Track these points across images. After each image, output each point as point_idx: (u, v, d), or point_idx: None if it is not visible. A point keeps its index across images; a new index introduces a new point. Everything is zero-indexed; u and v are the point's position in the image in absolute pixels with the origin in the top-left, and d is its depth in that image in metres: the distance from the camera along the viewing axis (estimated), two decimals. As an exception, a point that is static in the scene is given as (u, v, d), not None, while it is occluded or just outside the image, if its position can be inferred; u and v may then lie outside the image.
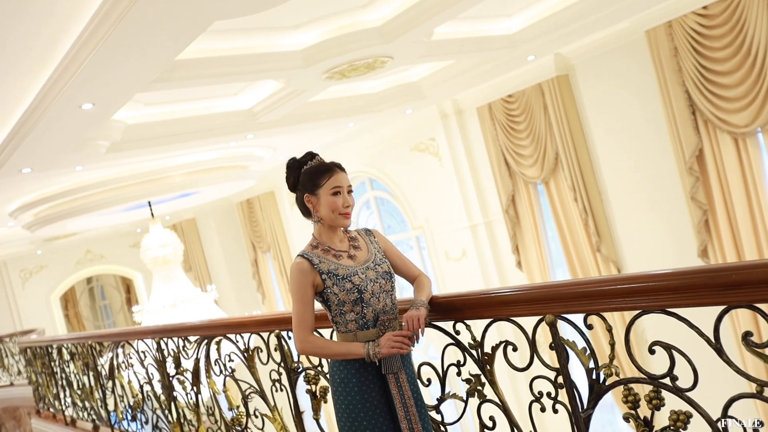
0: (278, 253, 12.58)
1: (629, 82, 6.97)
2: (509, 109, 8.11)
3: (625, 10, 5.96)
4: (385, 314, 2.12)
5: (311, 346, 2.11)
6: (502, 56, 6.75)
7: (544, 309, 1.70)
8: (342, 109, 7.49)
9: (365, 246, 2.27)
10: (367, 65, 5.62)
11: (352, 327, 2.12)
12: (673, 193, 6.80)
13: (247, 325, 3.05)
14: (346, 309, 2.11)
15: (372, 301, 2.11)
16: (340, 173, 2.23)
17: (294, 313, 2.13)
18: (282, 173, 10.28)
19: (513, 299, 1.79)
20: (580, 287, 1.61)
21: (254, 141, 8.13)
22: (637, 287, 1.47)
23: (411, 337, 2.02)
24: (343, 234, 2.29)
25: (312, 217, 2.25)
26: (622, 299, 1.49)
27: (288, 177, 2.30)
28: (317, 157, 2.29)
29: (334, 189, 2.19)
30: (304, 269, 2.13)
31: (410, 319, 2.02)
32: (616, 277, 1.53)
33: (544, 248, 8.39)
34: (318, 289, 2.14)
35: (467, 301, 1.97)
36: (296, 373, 2.87)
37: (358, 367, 2.10)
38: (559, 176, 7.84)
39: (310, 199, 2.22)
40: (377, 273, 2.16)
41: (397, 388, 2.06)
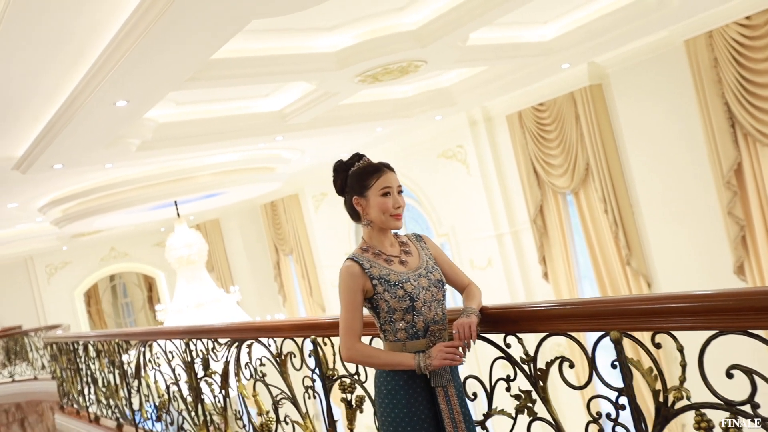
0: (301, 256, 12.56)
1: (665, 92, 6.83)
2: (540, 118, 8.01)
3: (664, 19, 5.84)
4: (436, 324, 2.04)
5: (359, 355, 2.04)
6: (536, 63, 6.66)
7: (609, 325, 1.61)
8: (371, 113, 7.43)
9: (416, 252, 2.20)
10: (401, 69, 5.56)
11: (401, 336, 2.04)
12: (708, 208, 6.64)
13: (282, 329, 2.99)
14: (397, 317, 2.03)
15: (423, 309, 2.03)
16: (389, 173, 2.16)
17: (342, 319, 2.06)
18: (308, 176, 10.22)
19: (573, 313, 1.70)
20: (650, 303, 1.52)
21: (283, 143, 8.11)
22: (715, 305, 1.38)
23: (463, 347, 1.94)
24: (393, 238, 2.21)
25: (361, 220, 2.18)
26: (696, 318, 1.40)
27: (335, 180, 2.23)
28: (364, 157, 2.22)
29: (383, 190, 2.11)
30: (355, 273, 2.06)
31: (461, 327, 1.94)
32: (691, 294, 1.44)
33: (572, 260, 8.26)
34: (368, 294, 2.06)
35: (521, 313, 1.89)
36: (331, 380, 2.80)
37: (407, 378, 2.02)
38: (590, 187, 7.72)
39: (359, 201, 2.15)
40: (430, 281, 2.09)
41: (446, 402, 1.98)
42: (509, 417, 2.03)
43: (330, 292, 12.29)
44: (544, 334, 1.86)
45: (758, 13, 5.79)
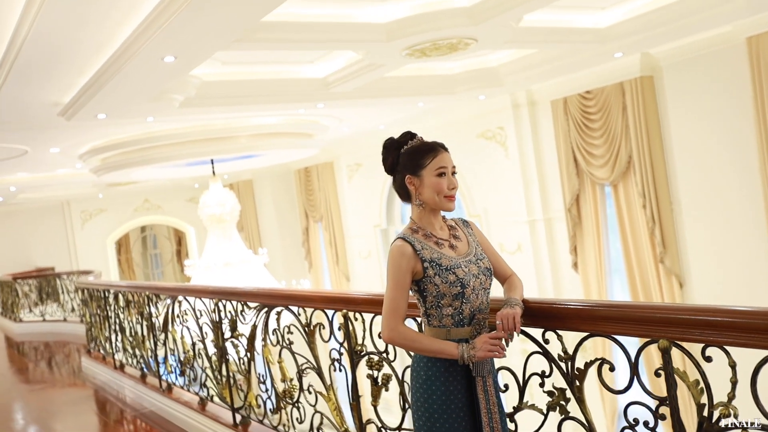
0: (330, 224, 12.59)
1: (720, 91, 6.62)
2: (586, 106, 7.84)
3: (728, 14, 5.63)
4: (481, 312, 2.01)
5: (401, 337, 2.00)
6: (588, 50, 6.50)
7: (657, 332, 1.56)
8: (415, 88, 7.35)
9: (464, 237, 2.15)
10: (450, 46, 5.46)
11: (447, 322, 2.01)
12: (753, 214, 6.46)
13: (313, 300, 2.99)
14: (445, 303, 1.99)
15: (471, 297, 1.99)
16: (444, 153, 2.11)
17: (387, 298, 2.02)
18: (345, 145, 10.20)
19: (621, 316, 1.65)
20: (703, 315, 1.46)
21: (323, 110, 8.07)
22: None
23: (506, 339, 1.91)
24: (442, 221, 2.18)
25: (413, 200, 2.12)
26: (753, 335, 1.35)
27: (386, 158, 2.18)
28: (417, 136, 2.17)
29: (438, 170, 2.06)
30: (406, 254, 2.00)
31: (505, 318, 1.91)
32: (750, 310, 1.38)
33: (604, 252, 8.15)
34: (416, 277, 2.02)
35: (565, 311, 1.84)
36: (359, 356, 2.79)
37: (448, 366, 1.99)
38: (630, 180, 7.56)
39: (412, 180, 2.09)
40: (479, 268, 2.04)
41: (484, 393, 1.95)
42: (540, 413, 2.00)
43: (356, 263, 12.33)
44: (585, 333, 1.82)
45: (828, 15, 5.56)
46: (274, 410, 3.58)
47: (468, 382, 2.00)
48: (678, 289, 7.32)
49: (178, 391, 5.04)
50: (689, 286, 7.28)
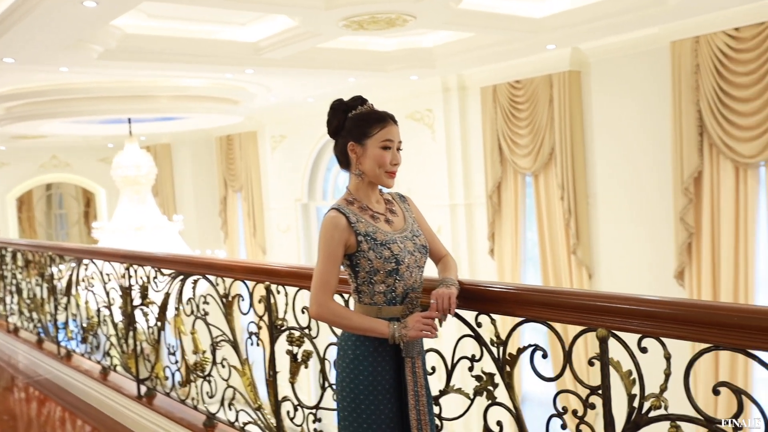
0: (250, 194, 12.31)
1: (642, 90, 6.84)
2: (514, 95, 7.93)
3: (657, 16, 5.79)
4: (414, 291, 1.94)
5: (330, 313, 1.91)
6: (523, 39, 6.55)
7: (596, 321, 1.54)
8: (348, 62, 7.21)
9: (401, 213, 2.08)
10: (389, 20, 5.36)
11: (378, 300, 1.93)
12: (662, 210, 6.74)
13: (234, 270, 2.85)
14: (377, 279, 1.91)
15: (405, 274, 1.92)
16: (393, 126, 2.01)
17: (318, 272, 1.92)
18: (270, 115, 9.91)
19: (560, 303, 1.62)
20: (644, 306, 1.45)
21: (251, 77, 7.81)
22: (715, 319, 1.32)
23: (439, 319, 1.85)
24: (379, 194, 2.08)
25: (352, 168, 2.02)
26: (693, 327, 1.35)
27: (331, 120, 2.06)
28: (368, 102, 2.07)
29: (384, 142, 1.97)
30: (340, 225, 1.91)
31: (440, 297, 1.85)
32: (688, 302, 1.38)
33: (520, 240, 8.32)
34: (349, 250, 1.93)
35: (502, 294, 1.80)
36: (279, 330, 2.69)
37: (377, 345, 1.92)
38: (550, 172, 7.73)
39: (354, 148, 1.99)
40: (415, 245, 1.97)
41: (412, 374, 1.89)
42: (467, 397, 1.97)
43: (274, 236, 12.12)
44: (521, 319, 1.78)
45: (748, 26, 5.81)
46: (183, 383, 3.43)
47: (396, 363, 1.93)
48: (587, 280, 7.57)
49: (78, 359, 4.77)
50: (597, 277, 7.54)
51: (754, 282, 6.10)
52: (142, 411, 3.71)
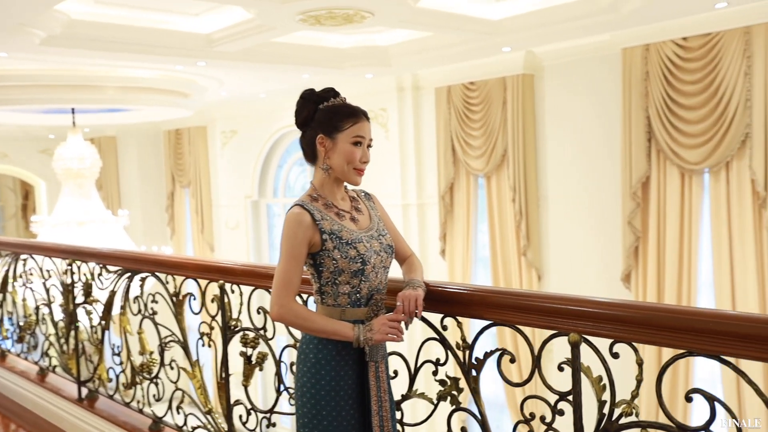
0: (198, 190, 12.04)
1: (594, 96, 6.96)
2: (468, 97, 7.96)
3: (610, 23, 5.89)
4: (379, 293, 1.88)
5: (292, 315, 1.82)
6: (479, 40, 6.56)
7: (567, 326, 1.52)
8: (303, 58, 7.10)
9: (366, 211, 2.01)
10: (346, 16, 5.29)
11: (342, 301, 1.85)
12: (610, 214, 6.87)
13: (186, 268, 2.74)
14: (342, 280, 1.84)
15: (371, 275, 1.86)
16: (365, 122, 1.95)
17: (279, 271, 1.83)
18: (221, 109, 9.66)
19: (530, 307, 1.59)
20: (616, 310, 1.43)
21: (203, 70, 7.61)
22: (690, 324, 1.31)
23: (405, 322, 1.79)
24: (344, 192, 2.01)
25: (319, 162, 1.94)
26: (667, 333, 1.33)
27: (300, 110, 1.98)
28: (341, 96, 2.00)
29: (356, 138, 1.91)
30: (304, 223, 1.82)
31: (407, 299, 1.79)
32: (667, 307, 1.36)
33: (472, 241, 8.36)
34: (313, 249, 1.84)
35: (469, 296, 1.76)
36: (233, 331, 2.59)
37: (340, 349, 1.85)
38: (503, 174, 7.79)
39: (323, 141, 1.91)
40: (381, 245, 1.91)
41: (376, 379, 1.82)
42: (430, 402, 1.92)
43: (222, 233, 11.89)
44: (488, 322, 1.75)
45: (696, 36, 5.96)
46: (128, 385, 3.29)
47: (359, 367, 1.87)
48: (536, 281, 7.66)
49: (12, 359, 4.54)
50: (546, 279, 7.64)
51: (697, 285, 6.27)
52: (83, 414, 3.55)
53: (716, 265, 6.07)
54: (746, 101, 5.72)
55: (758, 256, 5.77)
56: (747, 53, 5.70)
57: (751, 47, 5.68)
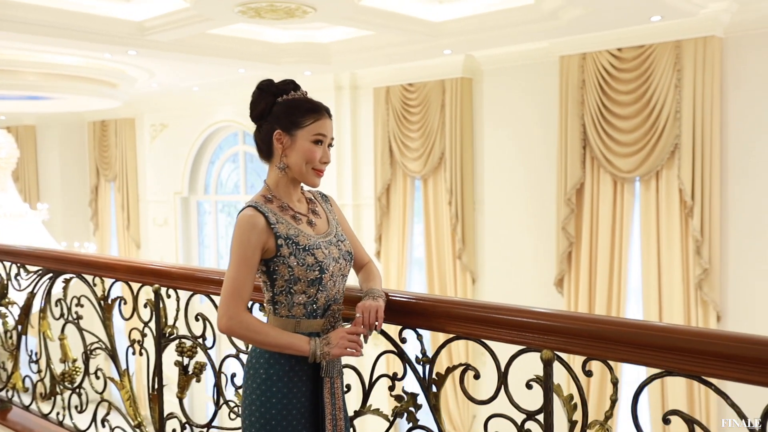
0: (124, 184, 11.56)
1: (532, 102, 7.04)
2: (407, 98, 7.93)
3: (550, 30, 5.96)
4: (336, 303, 1.75)
5: (243, 327, 1.66)
6: (420, 42, 6.52)
7: (538, 341, 1.44)
8: (240, 51, 6.88)
9: (324, 214, 1.88)
10: (288, 10, 5.14)
11: (297, 312, 1.71)
12: (545, 219, 6.96)
13: (116, 270, 2.54)
14: (297, 289, 1.70)
15: (329, 284, 1.73)
16: (328, 119, 1.81)
17: (229, 278, 1.68)
18: (151, 102, 9.25)
19: (499, 321, 1.52)
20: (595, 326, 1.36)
21: (133, 59, 7.27)
22: (670, 343, 1.26)
23: (365, 335, 1.68)
24: (301, 193, 1.88)
25: (275, 160, 1.80)
26: (644, 351, 1.28)
27: (257, 102, 1.83)
28: (301, 89, 1.86)
29: (316, 135, 1.77)
30: (258, 226, 1.68)
31: (367, 310, 1.67)
32: (646, 324, 1.31)
33: (407, 243, 8.34)
34: (267, 255, 1.70)
35: (432, 308, 1.67)
36: (168, 339, 2.42)
37: (293, 363, 1.71)
38: (440, 177, 7.79)
39: (281, 137, 1.77)
40: (340, 251, 1.79)
41: (331, 395, 1.70)
42: (386, 419, 1.82)
43: (150, 230, 11.44)
44: (451, 336, 1.66)
45: (630, 47, 6.11)
46: (47, 395, 3.05)
47: (313, 384, 1.74)
48: (471, 285, 7.70)
49: None
50: (481, 282, 7.69)
51: (627, 291, 6.43)
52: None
53: (645, 272, 6.23)
54: (676, 113, 5.89)
55: (684, 264, 5.96)
56: (677, 66, 5.87)
57: (681, 61, 5.85)
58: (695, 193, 5.81)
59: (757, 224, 5.73)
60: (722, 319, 5.88)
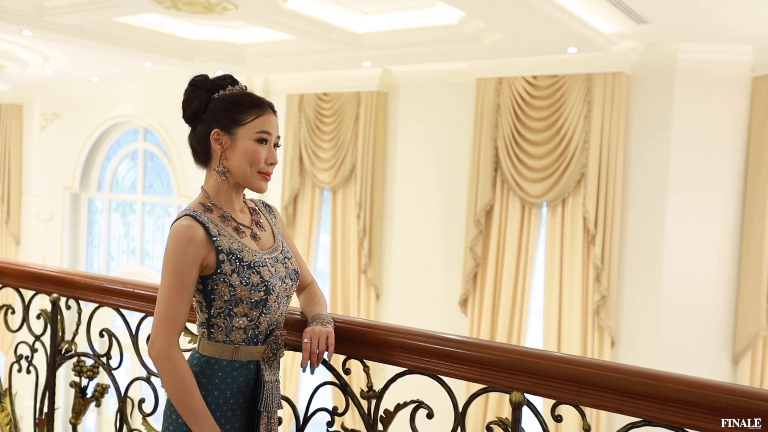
0: (6, 175, 10.66)
1: (447, 121, 7.08)
2: (321, 108, 7.79)
3: (470, 51, 6.02)
4: (279, 327, 1.58)
5: (169, 366, 1.44)
6: (340, 51, 6.41)
7: (504, 381, 1.33)
8: (150, 43, 6.49)
9: (268, 227, 1.68)
10: (207, 5, 4.88)
11: (236, 337, 1.51)
12: (454, 239, 6.99)
13: (6, 274, 2.22)
14: (238, 311, 1.50)
15: (273, 306, 1.55)
16: (272, 115, 1.63)
17: (162, 300, 1.46)
18: (44, 89, 8.60)
19: (462, 356, 1.39)
20: (572, 367, 1.27)
21: (27, 40, 6.69)
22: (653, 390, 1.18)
23: (312, 364, 1.50)
24: (243, 202, 1.68)
25: (213, 163, 1.60)
26: (623, 398, 1.20)
27: (190, 99, 1.62)
28: (240, 84, 1.67)
29: (260, 134, 1.58)
30: (197, 239, 1.47)
31: (316, 336, 1.50)
32: (628, 369, 1.22)
33: (312, 254, 8.15)
34: (206, 272, 1.50)
35: (385, 337, 1.52)
36: (64, 356, 2.13)
37: (228, 396, 1.51)
38: (350, 189, 7.69)
39: (220, 137, 1.58)
40: (287, 270, 1.60)
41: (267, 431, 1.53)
42: (323, 458, 1.66)
43: (32, 225, 10.60)
44: (403, 369, 1.52)
45: (544, 76, 6.27)
46: None
47: (247, 417, 1.56)
48: (374, 300, 7.62)
49: None
50: (385, 298, 7.62)
51: (528, 313, 6.55)
52: None
53: (547, 295, 6.37)
54: (584, 143, 6.09)
55: (584, 290, 6.14)
56: (588, 98, 6.08)
57: (592, 93, 6.07)
58: (598, 221, 6.01)
59: (651, 255, 6.00)
60: (615, 345, 6.10)
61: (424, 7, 5.66)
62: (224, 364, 1.54)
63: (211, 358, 1.55)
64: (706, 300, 5.95)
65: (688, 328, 5.95)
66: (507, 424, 1.36)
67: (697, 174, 5.93)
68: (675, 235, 5.93)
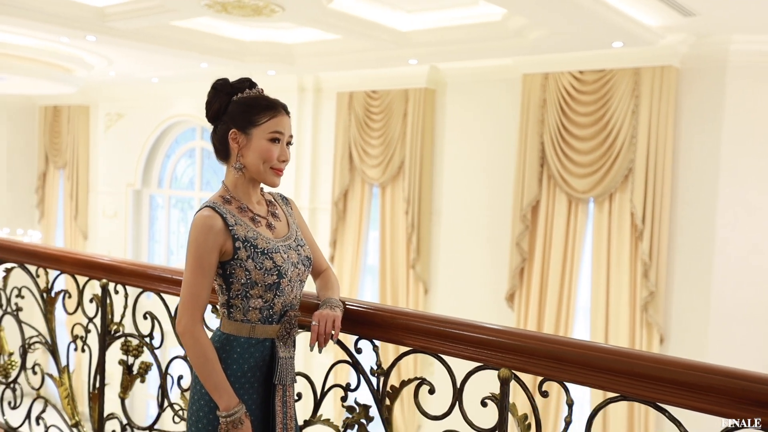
0: (75, 173, 11.23)
1: (493, 117, 7.11)
2: (370, 105, 7.92)
3: (515, 48, 6.03)
4: (293, 309, 1.72)
5: (193, 341, 1.62)
6: (386, 50, 6.53)
7: (496, 359, 1.43)
8: (204, 46, 6.76)
9: (284, 217, 1.84)
10: (255, 8, 5.08)
11: (253, 317, 1.67)
12: (500, 234, 7.02)
13: (62, 262, 2.44)
14: (254, 293, 1.66)
15: (287, 289, 1.69)
16: (285, 116, 1.77)
17: (186, 282, 1.63)
18: (108, 90, 9.01)
19: (458, 336, 1.50)
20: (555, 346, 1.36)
21: (92, 45, 7.07)
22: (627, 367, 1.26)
23: (319, 344, 1.64)
24: (260, 194, 1.83)
25: (231, 160, 1.75)
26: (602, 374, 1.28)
27: (211, 101, 1.79)
28: (257, 87, 1.82)
29: (273, 134, 1.72)
30: (216, 228, 1.63)
31: (324, 319, 1.64)
32: (604, 347, 1.31)
33: (362, 250, 8.31)
34: (224, 258, 1.66)
35: (391, 319, 1.64)
36: (113, 336, 2.33)
37: (246, 370, 1.67)
38: (398, 185, 7.80)
39: (237, 137, 1.73)
40: (299, 256, 1.75)
41: (282, 404, 1.66)
42: (336, 430, 1.78)
43: (99, 221, 11.14)
44: (408, 348, 1.64)
45: (591, 71, 6.23)
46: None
47: (264, 390, 1.70)
48: (423, 295, 7.72)
49: None
50: (433, 293, 7.71)
51: (575, 309, 6.53)
52: None
53: (594, 291, 6.34)
54: (632, 138, 6.03)
55: (632, 286, 6.09)
56: (635, 93, 6.02)
57: (639, 87, 6.00)
58: (646, 217, 5.95)
59: (701, 250, 5.90)
60: (665, 342, 6.03)
61: (467, 5, 5.71)
62: (242, 340, 1.70)
63: (230, 336, 1.71)
64: (758, 298, 5.81)
65: (739, 325, 5.83)
66: (497, 398, 1.46)
67: (749, 168, 5.80)
68: (726, 230, 5.81)
